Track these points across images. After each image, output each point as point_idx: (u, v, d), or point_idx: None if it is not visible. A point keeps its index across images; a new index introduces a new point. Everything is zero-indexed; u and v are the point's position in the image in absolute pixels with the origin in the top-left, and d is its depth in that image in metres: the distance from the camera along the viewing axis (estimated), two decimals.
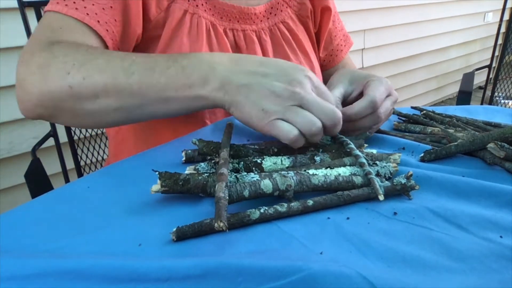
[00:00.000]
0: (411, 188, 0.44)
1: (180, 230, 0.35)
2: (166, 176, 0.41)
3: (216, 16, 0.69)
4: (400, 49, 2.96)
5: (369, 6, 2.55)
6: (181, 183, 0.41)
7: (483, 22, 3.83)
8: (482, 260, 0.34)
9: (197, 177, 0.42)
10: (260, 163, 0.47)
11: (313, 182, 0.42)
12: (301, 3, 0.78)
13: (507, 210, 0.41)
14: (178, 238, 0.35)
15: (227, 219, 0.36)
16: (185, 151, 0.50)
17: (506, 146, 0.49)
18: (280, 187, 0.41)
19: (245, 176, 0.43)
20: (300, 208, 0.40)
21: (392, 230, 0.38)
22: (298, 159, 0.48)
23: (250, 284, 0.29)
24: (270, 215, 0.38)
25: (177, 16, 0.65)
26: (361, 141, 0.54)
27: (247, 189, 0.40)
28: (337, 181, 0.43)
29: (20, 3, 0.97)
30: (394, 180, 0.44)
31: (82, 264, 0.30)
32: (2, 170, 1.29)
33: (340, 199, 0.41)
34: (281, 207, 0.39)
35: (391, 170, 0.47)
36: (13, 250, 0.34)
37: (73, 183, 0.47)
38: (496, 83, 2.31)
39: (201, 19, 0.67)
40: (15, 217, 0.39)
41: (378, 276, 0.30)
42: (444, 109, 0.73)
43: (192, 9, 0.67)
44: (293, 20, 0.78)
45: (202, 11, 0.67)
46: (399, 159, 0.49)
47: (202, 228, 0.36)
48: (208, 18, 0.68)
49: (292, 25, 0.77)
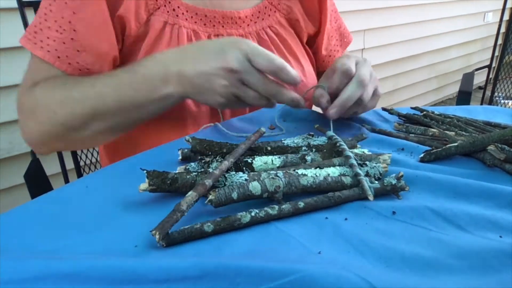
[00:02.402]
0: (401, 189, 0.44)
1: (169, 236, 0.35)
2: (154, 175, 0.41)
3: (199, 23, 0.68)
4: (400, 49, 2.96)
5: (369, 6, 2.55)
6: (169, 182, 0.41)
7: (483, 22, 3.82)
8: (481, 258, 0.34)
9: (185, 176, 0.42)
10: (250, 163, 0.47)
11: (302, 183, 0.42)
12: (290, 6, 0.77)
13: (507, 210, 0.41)
14: (168, 245, 0.35)
15: (217, 223, 0.36)
16: (181, 150, 0.51)
17: (506, 149, 0.49)
18: (269, 189, 0.41)
19: (233, 176, 0.43)
20: (292, 210, 0.39)
21: (390, 229, 0.38)
22: (289, 158, 0.48)
23: (249, 284, 0.29)
24: (261, 218, 0.38)
25: (157, 28, 0.65)
26: (353, 141, 0.54)
27: (236, 191, 0.39)
28: (326, 181, 0.43)
29: (20, 3, 0.96)
30: (385, 180, 0.44)
31: (80, 266, 0.30)
32: (2, 170, 1.29)
33: (331, 200, 0.41)
34: (272, 210, 0.39)
35: (380, 171, 0.47)
36: (12, 250, 0.34)
37: (72, 183, 0.47)
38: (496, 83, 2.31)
39: (181, 29, 0.66)
40: (15, 217, 0.39)
41: (377, 277, 0.30)
42: (444, 109, 0.73)
43: (172, 19, 0.66)
44: (282, 24, 0.76)
45: (183, 21, 0.67)
46: (389, 159, 0.49)
47: (192, 233, 0.36)
48: (189, 27, 0.67)
49: (280, 30, 0.76)
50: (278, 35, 0.75)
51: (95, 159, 1.20)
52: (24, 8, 0.98)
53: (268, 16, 0.75)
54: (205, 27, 0.69)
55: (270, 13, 0.75)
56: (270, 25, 0.75)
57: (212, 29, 0.69)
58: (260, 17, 0.74)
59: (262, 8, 0.74)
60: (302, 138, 0.55)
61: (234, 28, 0.71)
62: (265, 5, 0.75)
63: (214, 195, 0.39)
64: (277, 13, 0.76)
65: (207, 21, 0.69)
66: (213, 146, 0.50)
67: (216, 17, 0.69)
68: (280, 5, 0.76)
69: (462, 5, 3.45)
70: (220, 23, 0.70)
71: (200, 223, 0.36)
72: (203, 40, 0.67)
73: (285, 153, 0.51)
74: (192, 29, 0.68)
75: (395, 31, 2.87)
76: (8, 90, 1.23)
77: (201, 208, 0.41)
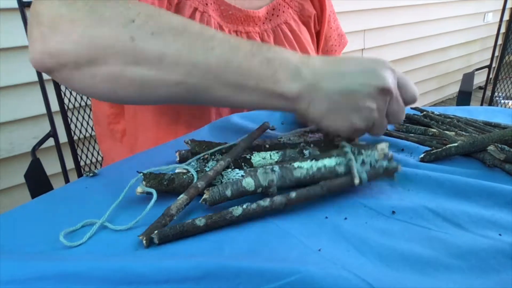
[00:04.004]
0: (394, 170, 0.43)
1: (161, 232, 0.35)
2: (151, 177, 0.41)
3: (222, 18, 0.68)
4: (400, 49, 2.96)
5: (369, 6, 2.55)
6: (165, 183, 0.41)
7: (483, 22, 3.82)
8: (481, 257, 0.34)
9: (182, 176, 0.42)
10: (249, 159, 0.47)
11: (296, 175, 0.42)
12: (302, 4, 0.78)
13: (506, 210, 0.41)
14: (160, 241, 0.35)
15: (209, 217, 0.36)
16: (179, 152, 0.51)
17: (506, 149, 0.49)
18: (262, 184, 0.41)
19: (230, 173, 0.43)
20: (284, 201, 0.39)
21: (390, 229, 0.38)
22: (287, 153, 0.48)
23: (249, 285, 0.29)
24: (254, 211, 0.38)
25: (187, 13, 0.64)
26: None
27: (229, 188, 0.40)
28: (320, 172, 0.43)
29: (20, 3, 0.96)
30: (376, 164, 0.43)
31: (81, 267, 0.30)
32: (2, 170, 1.29)
33: (323, 189, 0.41)
34: (264, 202, 0.39)
35: (376, 158, 0.46)
36: (12, 250, 0.34)
37: (72, 183, 0.47)
38: (496, 83, 2.31)
39: (210, 18, 0.66)
40: (15, 217, 0.39)
41: (377, 277, 0.30)
42: (444, 109, 0.73)
43: (202, 7, 0.65)
44: (295, 20, 0.78)
45: (211, 11, 0.67)
46: (386, 148, 0.48)
47: (184, 228, 0.36)
48: (216, 18, 0.67)
49: (294, 26, 0.77)
50: (292, 31, 0.76)
51: (95, 159, 1.20)
52: (24, 8, 0.98)
53: (282, 13, 0.76)
54: (226, 23, 0.69)
55: (284, 9, 0.76)
56: (285, 21, 0.76)
57: (231, 25, 0.69)
58: (274, 14, 0.75)
59: (276, 5, 0.75)
60: (298, 135, 0.54)
61: (252, 26, 0.72)
62: (278, 2, 0.76)
63: (208, 194, 0.39)
64: (290, 10, 0.77)
65: (229, 16, 0.69)
66: (212, 146, 0.50)
67: (240, 16, 0.70)
68: (292, 2, 0.77)
69: (462, 5, 3.45)
70: (240, 20, 0.70)
71: (191, 219, 0.36)
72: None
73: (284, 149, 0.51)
74: (217, 21, 0.68)
75: (395, 31, 2.86)
76: (8, 90, 1.24)
77: (199, 209, 0.41)
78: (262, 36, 0.73)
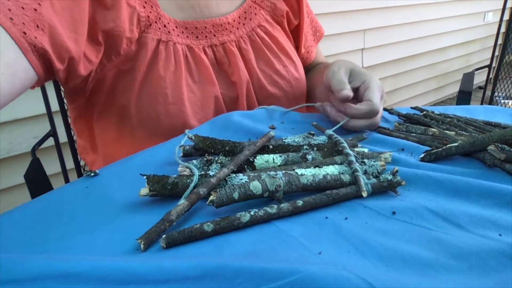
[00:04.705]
0: (397, 184, 0.44)
1: (169, 236, 0.35)
2: (154, 180, 0.41)
3: (191, 38, 0.67)
4: (400, 49, 2.96)
5: (368, 6, 2.55)
6: (169, 187, 0.41)
7: (483, 22, 3.82)
8: (481, 257, 0.34)
9: (185, 180, 0.42)
10: (252, 162, 0.47)
11: (302, 182, 0.42)
12: (274, 3, 0.77)
13: (506, 210, 0.41)
14: (167, 245, 0.35)
15: (217, 222, 0.36)
16: (183, 146, 0.50)
17: (506, 149, 0.49)
18: (269, 188, 0.41)
19: (234, 178, 0.43)
20: (290, 208, 0.39)
21: (391, 229, 0.38)
22: (290, 157, 0.48)
23: (249, 285, 0.29)
24: (261, 217, 0.38)
25: (150, 47, 0.63)
26: (354, 141, 0.54)
27: (237, 191, 0.39)
28: (326, 179, 0.43)
29: None
30: (381, 177, 0.44)
31: (80, 267, 0.30)
32: (2, 170, 1.29)
33: (329, 198, 0.41)
34: (271, 209, 0.39)
35: (378, 169, 0.47)
36: (12, 250, 0.34)
37: (72, 183, 0.47)
38: (496, 83, 2.31)
39: (176, 46, 0.65)
40: (15, 217, 0.39)
41: (377, 278, 0.30)
42: (444, 109, 0.73)
43: (165, 36, 0.64)
44: (269, 21, 0.76)
45: (175, 37, 0.65)
46: (389, 158, 0.49)
47: (192, 233, 0.36)
48: (183, 42, 0.66)
49: (269, 27, 0.75)
50: (268, 33, 0.75)
51: None
52: None
53: (254, 15, 0.74)
54: (198, 40, 0.68)
55: (255, 11, 0.75)
56: (258, 24, 0.74)
57: (205, 41, 0.68)
58: (247, 18, 0.73)
59: (247, 8, 0.74)
60: (303, 137, 0.55)
61: (226, 34, 0.70)
62: (249, 4, 0.74)
63: (216, 195, 0.39)
64: (262, 11, 0.75)
65: (198, 33, 0.68)
66: (216, 144, 0.49)
67: (207, 27, 0.68)
68: (264, 3, 0.76)
69: (462, 5, 3.45)
70: (212, 32, 0.69)
71: (200, 223, 0.36)
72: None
73: (287, 151, 0.51)
74: (186, 44, 0.66)
75: (395, 31, 2.86)
76: None
77: (201, 209, 0.41)
78: (239, 43, 0.71)
